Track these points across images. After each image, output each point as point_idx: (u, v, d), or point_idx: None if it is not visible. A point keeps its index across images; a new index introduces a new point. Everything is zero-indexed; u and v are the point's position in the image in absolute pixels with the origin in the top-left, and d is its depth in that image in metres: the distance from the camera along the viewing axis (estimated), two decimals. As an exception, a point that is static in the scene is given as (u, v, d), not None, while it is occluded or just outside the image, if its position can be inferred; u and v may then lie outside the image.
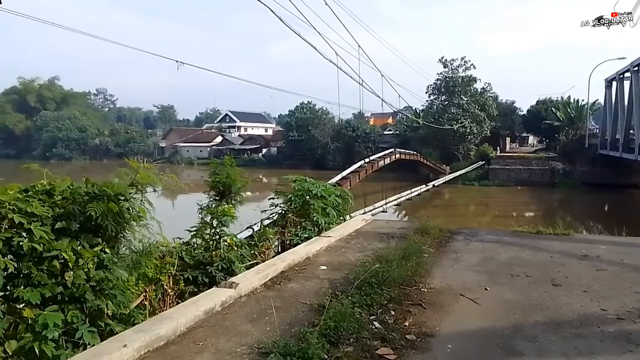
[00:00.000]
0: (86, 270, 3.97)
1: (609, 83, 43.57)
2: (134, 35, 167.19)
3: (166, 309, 5.11)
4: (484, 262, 6.61)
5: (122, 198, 4.34)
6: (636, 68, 33.91)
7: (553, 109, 57.41)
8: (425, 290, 5.32)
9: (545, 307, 4.78)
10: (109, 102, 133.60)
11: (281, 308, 4.64)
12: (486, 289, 5.38)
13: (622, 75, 38.85)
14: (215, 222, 6.31)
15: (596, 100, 54.36)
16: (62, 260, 3.89)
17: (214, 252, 6.01)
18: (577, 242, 7.88)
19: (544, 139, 66.96)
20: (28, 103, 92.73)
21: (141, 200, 4.57)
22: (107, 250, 4.25)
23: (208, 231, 6.43)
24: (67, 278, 3.85)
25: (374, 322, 4.30)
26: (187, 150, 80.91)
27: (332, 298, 4.69)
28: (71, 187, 4.27)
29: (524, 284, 5.56)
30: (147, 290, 5.08)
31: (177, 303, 5.26)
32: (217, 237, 6.19)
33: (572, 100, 57.52)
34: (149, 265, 4.99)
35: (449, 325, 4.38)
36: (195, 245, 6.33)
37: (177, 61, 13.57)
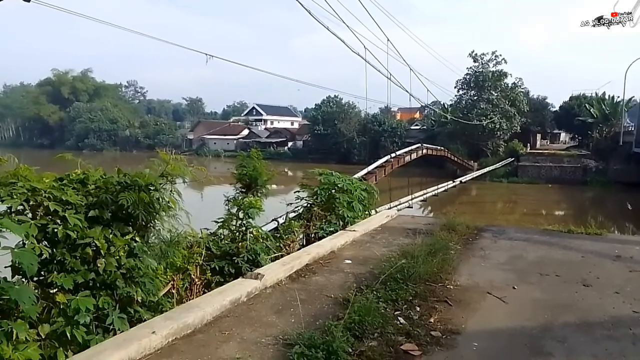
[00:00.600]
0: (117, 257, 4.07)
1: (646, 79, 42.01)
2: (164, 29, 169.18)
3: (193, 298, 5.21)
4: (512, 261, 6.49)
5: (152, 188, 4.41)
6: (676, 63, 32.56)
7: (587, 105, 55.74)
8: (452, 287, 5.27)
9: (575, 307, 4.68)
10: (139, 94, 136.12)
11: (306, 300, 4.66)
12: (514, 288, 5.29)
13: (661, 71, 37.41)
14: (241, 214, 6.36)
15: (632, 97, 52.55)
16: (95, 248, 4.00)
17: (240, 244, 6.08)
18: (610, 242, 7.66)
19: (576, 136, 65.12)
20: (62, 94, 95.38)
21: (171, 191, 4.63)
22: (138, 239, 4.34)
23: (234, 223, 6.50)
24: (99, 265, 3.95)
25: (399, 318, 4.29)
26: (214, 143, 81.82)
27: (357, 292, 4.69)
28: (104, 177, 4.37)
29: (554, 284, 5.45)
30: (175, 279, 5.18)
31: (204, 292, 5.35)
32: (244, 228, 6.24)
33: (606, 97, 55.73)
34: (177, 254, 5.09)
35: (475, 323, 4.32)
36: (222, 236, 6.41)
37: (206, 54, 13.70)
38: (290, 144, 76.30)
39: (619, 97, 52.81)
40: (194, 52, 13.65)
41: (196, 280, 5.40)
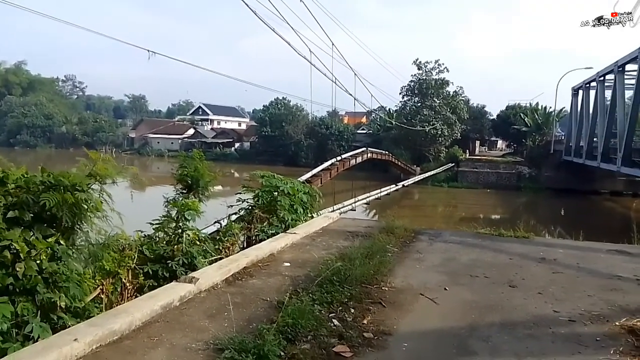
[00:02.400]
0: (38, 261, 3.85)
1: (575, 92, 44.94)
2: (106, 23, 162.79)
3: (124, 303, 5.02)
4: (446, 263, 6.72)
5: (79, 189, 4.21)
6: (602, 78, 35.04)
7: (521, 114, 58.93)
8: (387, 289, 5.38)
9: (501, 307, 4.90)
10: (77, 89, 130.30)
11: (241, 304, 4.61)
12: (446, 289, 5.47)
13: (588, 85, 40.10)
14: (178, 216, 6.20)
15: (562, 108, 56.03)
16: (14, 251, 3.76)
17: (175, 247, 5.91)
18: (536, 245, 8.09)
19: (512, 143, 68.60)
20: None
21: (100, 192, 4.44)
22: (62, 242, 4.13)
23: (171, 225, 6.32)
24: (17, 269, 3.72)
25: (333, 320, 4.32)
26: (158, 142, 79.48)
27: (293, 295, 4.68)
28: (25, 176, 4.12)
29: (483, 285, 5.69)
30: (105, 283, 4.97)
31: (136, 297, 5.16)
32: (180, 231, 6.08)
33: (539, 107, 59.17)
34: (107, 258, 4.88)
35: (407, 324, 4.44)
36: (158, 239, 6.22)
37: (148, 50, 13.25)
38: (237, 145, 75.38)
39: (551, 107, 56.30)
40: (138, 48, 13.25)
41: (127, 284, 5.20)
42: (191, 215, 6.34)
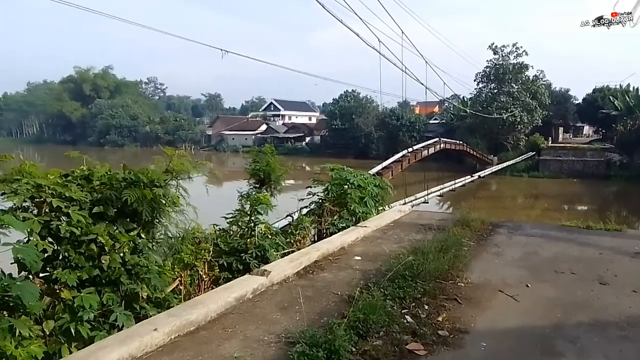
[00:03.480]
0: (122, 254, 4.07)
1: (673, 69, 40.75)
2: (182, 25, 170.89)
3: (200, 294, 5.21)
4: (526, 257, 6.34)
5: (157, 185, 4.39)
6: None
7: (610, 97, 54.36)
8: (462, 284, 5.16)
9: (590, 306, 4.53)
10: (159, 90, 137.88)
11: (312, 297, 4.61)
12: (527, 286, 5.15)
13: (689, 61, 36.24)
14: (250, 210, 6.33)
15: (658, 89, 51.05)
16: (99, 244, 4.00)
17: (248, 240, 6.05)
18: (630, 238, 7.42)
19: (599, 129, 63.68)
20: (83, 91, 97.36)
21: (177, 187, 4.62)
22: (143, 235, 4.34)
23: (244, 219, 6.47)
24: (103, 261, 3.95)
25: (406, 316, 4.21)
26: (233, 139, 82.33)
27: (364, 290, 4.62)
28: (109, 173, 4.37)
29: (569, 282, 5.29)
30: (183, 275, 5.18)
31: (212, 288, 5.34)
32: (252, 224, 6.21)
33: (631, 89, 54.25)
34: (185, 250, 5.08)
35: (484, 321, 4.22)
36: (232, 232, 6.39)
37: (221, 49, 13.78)
38: (308, 139, 76.31)
39: (644, 88, 51.40)
40: (212, 48, 13.75)
41: (204, 276, 5.39)
42: (263, 209, 6.45)
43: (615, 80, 67.91)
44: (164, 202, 4.43)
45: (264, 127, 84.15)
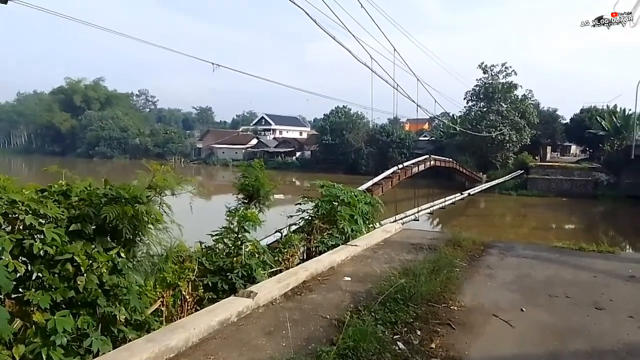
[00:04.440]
0: (99, 274, 3.86)
1: (659, 92, 41.44)
2: (174, 38, 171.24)
3: (184, 315, 4.99)
4: (519, 280, 6.19)
5: (139, 201, 4.20)
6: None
7: (598, 117, 55.11)
8: (455, 308, 4.99)
9: (587, 333, 4.38)
10: (150, 103, 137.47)
11: (299, 321, 4.41)
12: (522, 310, 4.99)
13: (674, 84, 36.88)
14: (237, 227, 6.14)
15: (644, 110, 51.80)
16: (76, 264, 3.79)
17: (235, 258, 5.84)
18: (623, 261, 7.32)
19: (587, 148, 64.41)
20: (74, 102, 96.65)
21: (160, 204, 4.43)
22: (123, 255, 4.14)
23: (231, 236, 6.28)
24: (79, 282, 3.74)
25: (398, 342, 4.02)
26: (223, 152, 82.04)
27: (354, 314, 4.43)
28: (88, 189, 4.18)
29: (564, 306, 5.15)
30: (165, 295, 4.97)
31: (196, 309, 5.13)
32: (239, 242, 6.01)
33: (618, 109, 55.06)
34: (167, 270, 4.87)
35: (479, 349, 4.05)
36: (217, 250, 6.19)
37: (212, 63, 13.69)
38: (298, 153, 76.26)
39: (630, 110, 52.15)
40: (203, 61, 13.64)
41: (187, 297, 5.17)
42: (251, 226, 6.27)
43: (603, 101, 69.13)
44: (146, 219, 4.24)
45: (254, 141, 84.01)
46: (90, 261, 3.83)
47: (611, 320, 4.73)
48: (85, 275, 3.76)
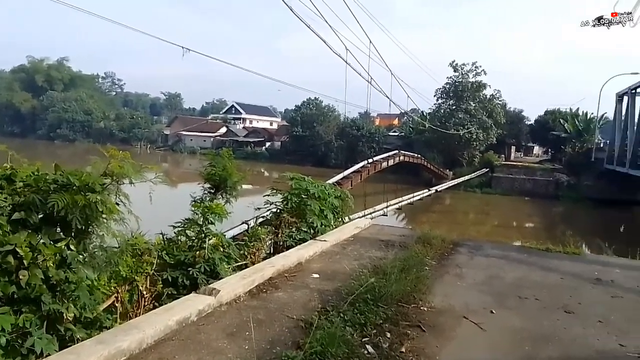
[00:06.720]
0: (44, 269, 3.50)
1: (620, 97, 42.90)
2: (145, 21, 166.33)
3: (141, 312, 4.67)
4: (489, 281, 6.13)
5: (92, 189, 3.84)
6: (650, 84, 33.30)
7: (561, 120, 56.70)
8: (426, 309, 4.86)
9: (558, 339, 4.30)
10: (116, 86, 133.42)
11: (264, 322, 4.17)
12: (492, 312, 4.90)
13: (634, 91, 38.24)
14: (201, 219, 5.82)
15: (604, 114, 53.68)
16: (18, 257, 3.43)
17: (197, 252, 5.53)
18: (589, 263, 7.38)
19: (549, 150, 66.24)
20: (36, 82, 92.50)
21: (116, 193, 4.08)
22: (73, 247, 3.78)
23: (195, 228, 5.95)
24: (21, 277, 3.38)
25: (367, 346, 3.84)
26: (191, 140, 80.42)
27: (322, 314, 4.23)
28: (35, 174, 3.79)
29: (534, 309, 5.09)
30: (120, 291, 4.62)
31: (154, 305, 4.82)
32: (202, 235, 5.70)
33: (581, 113, 56.84)
34: (122, 264, 4.53)
35: (450, 353, 3.91)
36: (179, 243, 5.85)
37: (182, 47, 13.16)
38: (268, 144, 75.50)
39: (592, 113, 53.90)
40: (175, 46, 13.10)
41: (144, 292, 4.83)
42: (216, 218, 5.96)
43: (566, 104, 71.27)
44: (100, 209, 3.88)
45: (223, 130, 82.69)
46: (35, 254, 3.47)
47: (581, 324, 4.69)
48: (28, 269, 3.40)
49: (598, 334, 4.45)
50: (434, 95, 56.25)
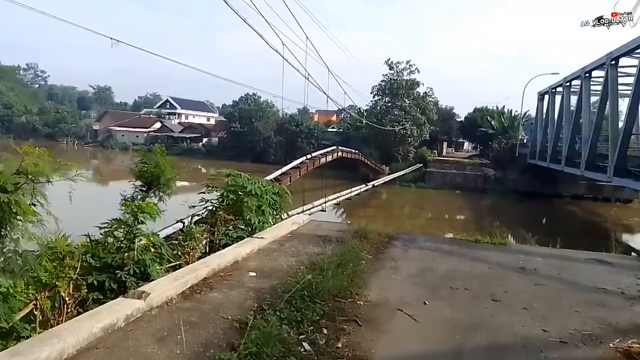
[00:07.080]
0: (-52, 277, 3.19)
1: (541, 96, 45.84)
2: (72, 8, 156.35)
3: (63, 320, 4.37)
4: (422, 273, 6.30)
5: (8, 189, 3.54)
6: (568, 83, 35.73)
7: (488, 117, 59.83)
8: (362, 303, 4.91)
9: (486, 327, 4.48)
10: (39, 78, 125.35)
11: (197, 324, 4.03)
12: (425, 303, 5.04)
13: (554, 90, 40.90)
14: (130, 220, 5.54)
15: (527, 112, 57.14)
16: None
17: (126, 254, 5.25)
18: (514, 253, 7.78)
19: (478, 145, 69.63)
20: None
21: (32, 193, 3.78)
22: (-18, 252, 3.47)
23: (123, 229, 5.65)
24: None
25: (304, 343, 3.81)
26: (123, 135, 77.05)
27: (258, 314, 4.15)
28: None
29: (464, 299, 5.28)
30: (39, 297, 4.29)
31: (78, 313, 4.52)
32: (132, 236, 5.42)
33: (506, 110, 60.20)
34: (41, 269, 4.21)
35: (385, 347, 3.96)
36: (107, 245, 5.54)
37: (111, 38, 12.54)
38: (205, 140, 73.83)
39: (517, 111, 57.25)
40: (105, 37, 12.41)
41: (67, 298, 4.53)
42: (147, 217, 5.70)
43: (494, 102, 75.16)
44: (13, 210, 3.59)
45: (158, 125, 79.86)
46: (-64, 261, 3.15)
47: (507, 312, 4.91)
48: None
49: (523, 320, 4.69)
50: (371, 92, 57.57)
